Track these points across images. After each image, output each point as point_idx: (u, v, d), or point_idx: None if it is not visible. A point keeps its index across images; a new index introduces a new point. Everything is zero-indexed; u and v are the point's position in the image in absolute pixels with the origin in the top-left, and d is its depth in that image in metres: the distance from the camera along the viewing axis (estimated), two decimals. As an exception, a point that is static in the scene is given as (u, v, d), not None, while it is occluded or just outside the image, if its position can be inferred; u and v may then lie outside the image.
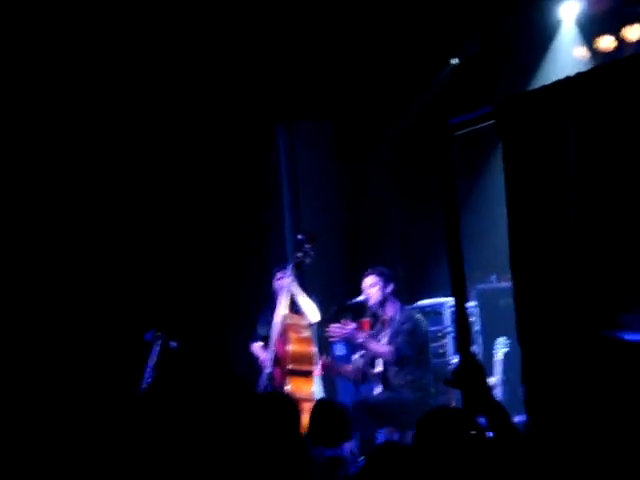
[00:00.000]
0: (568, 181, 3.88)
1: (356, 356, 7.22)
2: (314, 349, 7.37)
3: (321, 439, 4.79)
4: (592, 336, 2.00)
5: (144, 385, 6.71)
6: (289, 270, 7.47)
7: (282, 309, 7.39)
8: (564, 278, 3.99)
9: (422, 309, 8.21)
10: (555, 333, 4.06)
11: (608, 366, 2.02)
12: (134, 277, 8.36)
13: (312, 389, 7.27)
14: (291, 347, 7.31)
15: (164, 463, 3.06)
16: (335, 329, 6.99)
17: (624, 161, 3.76)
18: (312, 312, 7.45)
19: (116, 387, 7.40)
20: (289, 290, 7.43)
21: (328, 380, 7.71)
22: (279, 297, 7.43)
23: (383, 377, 7.10)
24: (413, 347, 7.00)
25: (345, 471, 4.94)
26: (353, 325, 7.05)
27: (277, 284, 7.59)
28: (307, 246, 7.46)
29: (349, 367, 7.29)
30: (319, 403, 5.51)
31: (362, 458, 6.80)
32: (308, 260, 7.49)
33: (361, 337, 6.98)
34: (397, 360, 6.93)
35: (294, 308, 7.48)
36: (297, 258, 7.49)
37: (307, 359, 7.31)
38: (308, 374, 7.31)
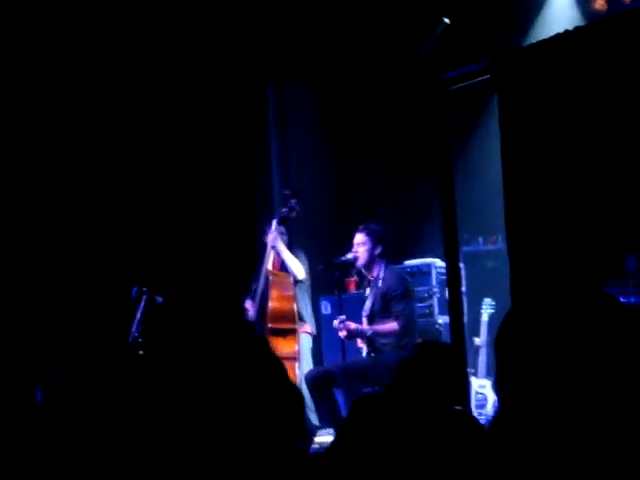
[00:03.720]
0: (567, 135, 3.85)
1: (336, 322, 7.12)
2: (296, 307, 7.28)
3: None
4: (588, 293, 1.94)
5: (130, 340, 6.69)
6: (273, 225, 7.40)
7: (267, 265, 7.36)
8: (560, 235, 3.98)
9: (409, 269, 8.21)
10: (549, 291, 4.05)
11: (603, 324, 1.96)
12: (119, 234, 8.34)
13: (294, 348, 7.22)
14: (271, 304, 7.22)
15: (154, 417, 3.02)
16: (341, 330, 6.99)
17: (624, 115, 3.74)
18: (297, 269, 7.33)
19: (103, 342, 7.41)
20: (273, 246, 7.37)
21: (315, 340, 7.69)
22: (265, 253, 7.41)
23: (368, 338, 7.10)
24: (410, 309, 7.07)
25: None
26: (349, 323, 6.98)
27: (264, 239, 7.55)
28: (293, 201, 7.35)
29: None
30: None
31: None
32: (294, 215, 7.37)
33: (368, 330, 6.97)
34: (406, 328, 6.95)
35: (281, 265, 7.44)
36: (282, 213, 7.39)
37: (288, 317, 7.21)
38: (289, 332, 7.22)
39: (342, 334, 7.01)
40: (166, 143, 8.65)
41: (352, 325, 6.98)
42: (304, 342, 7.43)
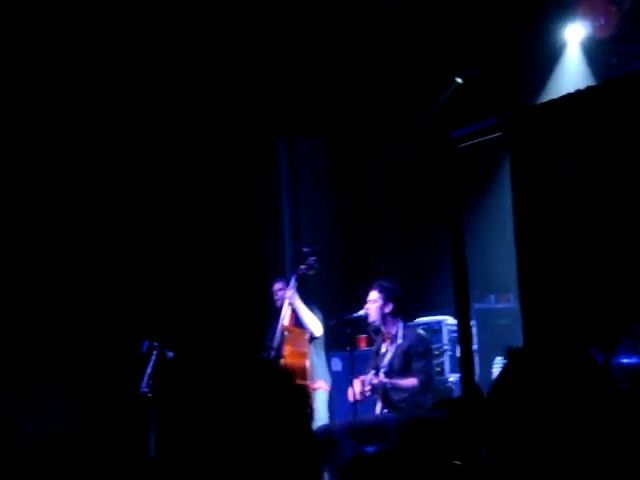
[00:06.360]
0: (579, 193, 3.87)
1: (369, 375, 7.06)
2: (308, 363, 7.24)
3: None
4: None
5: (141, 394, 6.66)
6: (292, 282, 7.42)
7: (283, 321, 7.36)
8: (571, 294, 3.96)
9: (419, 326, 8.18)
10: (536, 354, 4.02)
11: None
12: (132, 288, 8.33)
13: None
14: (283, 361, 7.19)
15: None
16: (363, 389, 6.94)
17: (626, 178, 3.75)
18: (315, 325, 7.35)
19: (114, 397, 7.38)
20: (291, 302, 7.38)
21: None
22: (281, 309, 7.40)
23: (383, 393, 7.04)
24: (430, 368, 7.10)
25: None
26: (371, 376, 6.97)
27: (278, 295, 7.56)
28: (312, 259, 7.39)
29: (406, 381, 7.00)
30: None
31: None
32: (312, 273, 7.41)
33: (388, 382, 6.91)
34: (425, 386, 6.93)
35: (297, 321, 7.43)
36: (301, 270, 7.42)
37: (300, 374, 7.09)
38: None
39: (367, 388, 6.96)
40: (180, 197, 8.69)
41: (375, 379, 6.94)
42: (319, 398, 7.38)
